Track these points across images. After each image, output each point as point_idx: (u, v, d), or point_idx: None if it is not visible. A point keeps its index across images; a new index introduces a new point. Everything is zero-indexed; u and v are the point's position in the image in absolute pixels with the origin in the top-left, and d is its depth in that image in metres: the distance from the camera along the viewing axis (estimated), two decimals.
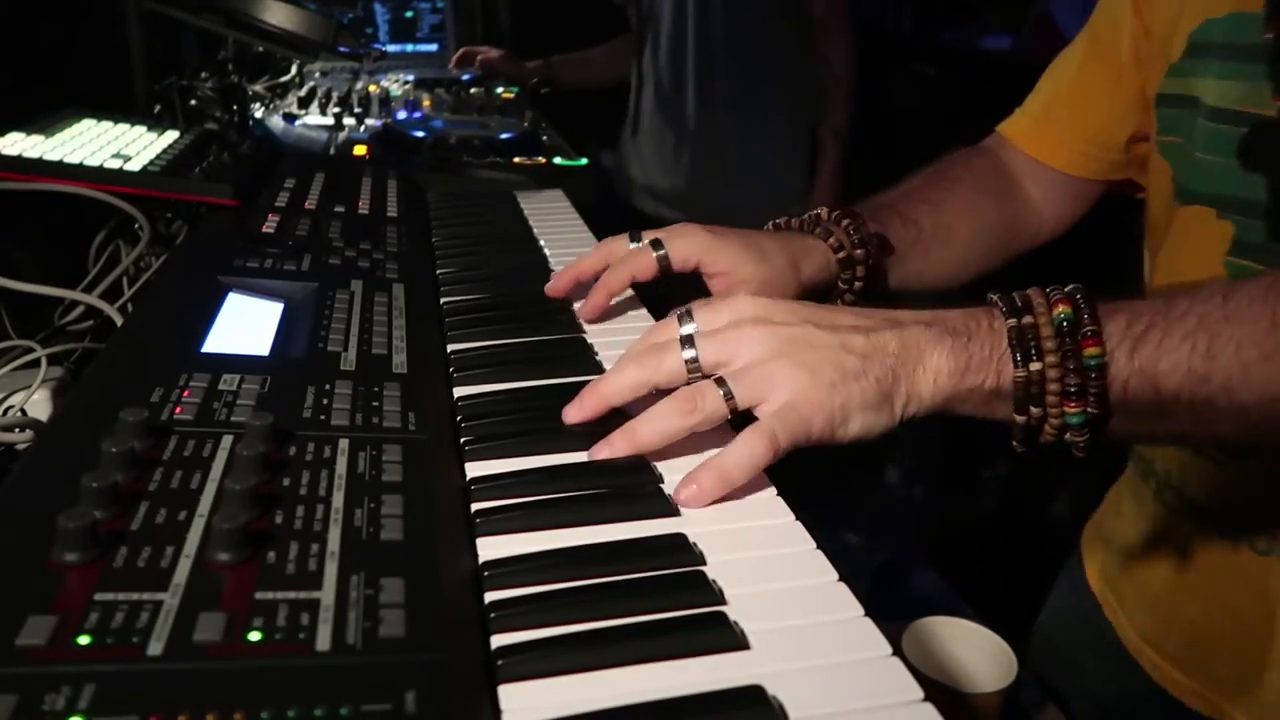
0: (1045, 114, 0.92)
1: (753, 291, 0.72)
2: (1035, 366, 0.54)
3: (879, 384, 0.55)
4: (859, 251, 0.77)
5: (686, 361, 0.58)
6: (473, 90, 2.14)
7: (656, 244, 0.74)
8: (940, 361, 0.56)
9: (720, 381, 0.56)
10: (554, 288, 0.79)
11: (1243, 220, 0.72)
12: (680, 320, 0.61)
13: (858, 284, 0.78)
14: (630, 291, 0.79)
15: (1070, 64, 0.91)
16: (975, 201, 0.90)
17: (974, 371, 0.56)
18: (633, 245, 0.76)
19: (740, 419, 0.57)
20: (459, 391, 0.66)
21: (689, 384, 0.58)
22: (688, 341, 0.58)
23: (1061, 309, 0.55)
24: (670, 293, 0.75)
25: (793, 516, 0.53)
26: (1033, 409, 0.55)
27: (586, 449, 0.58)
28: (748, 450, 0.54)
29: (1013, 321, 0.56)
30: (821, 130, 2.06)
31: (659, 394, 0.58)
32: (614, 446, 0.57)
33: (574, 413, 0.59)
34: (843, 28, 2.03)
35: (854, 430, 0.55)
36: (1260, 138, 0.70)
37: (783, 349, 0.56)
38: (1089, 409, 0.54)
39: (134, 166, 0.97)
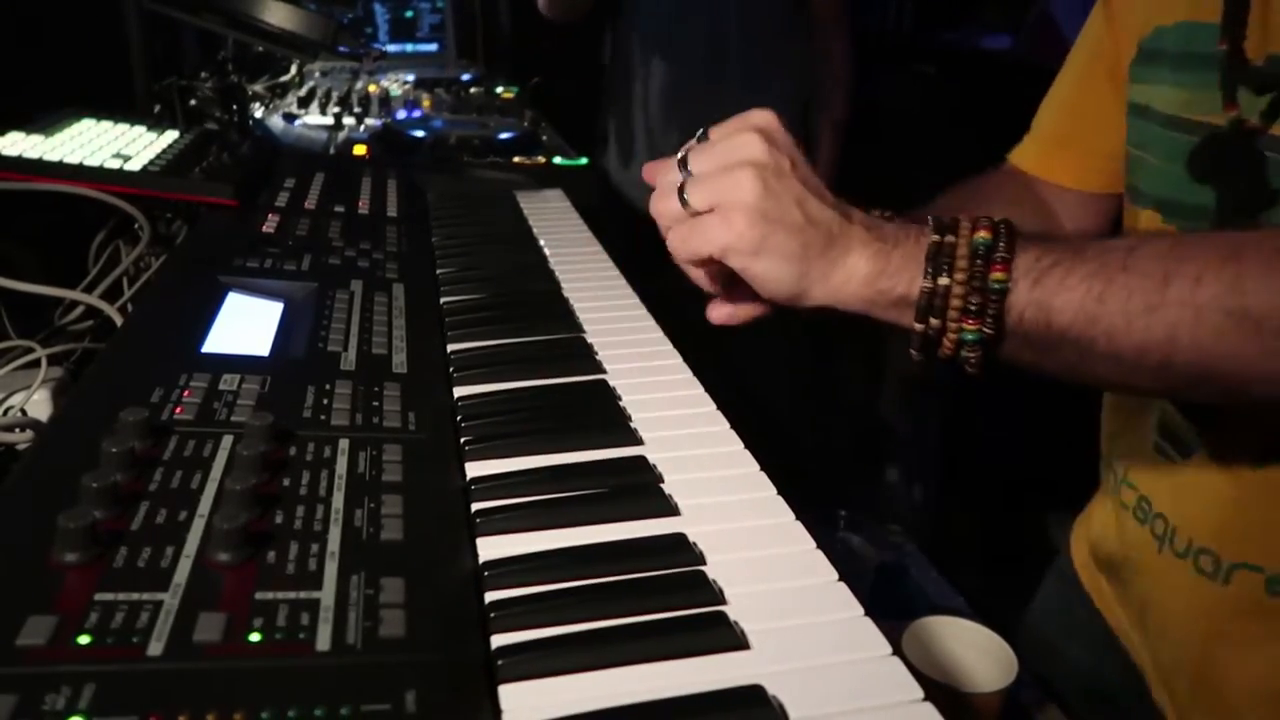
0: (1050, 137, 0.92)
1: None
2: (943, 281, 0.58)
3: (804, 247, 0.59)
4: None
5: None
6: (472, 90, 2.14)
7: None
8: (859, 262, 0.60)
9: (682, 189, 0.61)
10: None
11: (1186, 225, 0.72)
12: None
13: None
14: (630, 292, 0.79)
15: (1065, 83, 0.91)
16: (1017, 215, 0.90)
17: (889, 276, 0.59)
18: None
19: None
20: (459, 391, 0.66)
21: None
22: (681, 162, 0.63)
23: (981, 234, 0.58)
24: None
25: (793, 516, 0.53)
26: (932, 320, 0.59)
27: (586, 449, 0.58)
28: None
29: (935, 238, 0.59)
30: (822, 121, 2.09)
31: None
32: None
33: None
34: (844, 23, 2.08)
35: (758, 268, 0.59)
36: (1209, 148, 0.70)
37: (758, 161, 0.60)
38: (984, 329, 0.58)
39: (134, 166, 0.97)
